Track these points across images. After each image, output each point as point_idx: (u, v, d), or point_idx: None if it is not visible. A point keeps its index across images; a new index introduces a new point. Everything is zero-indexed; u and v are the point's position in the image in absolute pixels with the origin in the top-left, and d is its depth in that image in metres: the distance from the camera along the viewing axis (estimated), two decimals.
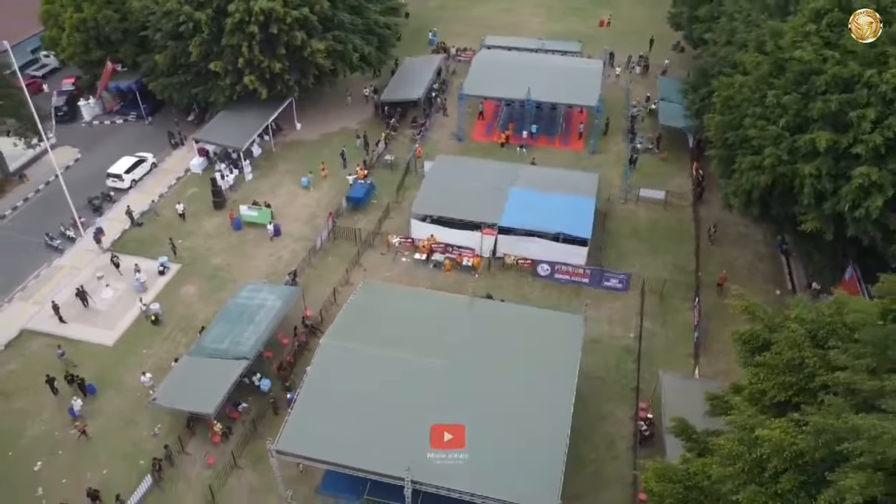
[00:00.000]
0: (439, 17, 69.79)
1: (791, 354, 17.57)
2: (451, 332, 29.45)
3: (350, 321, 29.78)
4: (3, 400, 30.99)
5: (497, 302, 32.80)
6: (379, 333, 28.96)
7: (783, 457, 15.24)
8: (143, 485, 26.88)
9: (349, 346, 28.03)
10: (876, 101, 26.33)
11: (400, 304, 31.35)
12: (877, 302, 17.52)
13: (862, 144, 25.87)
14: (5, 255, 38.96)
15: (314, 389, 26.76)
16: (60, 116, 51.52)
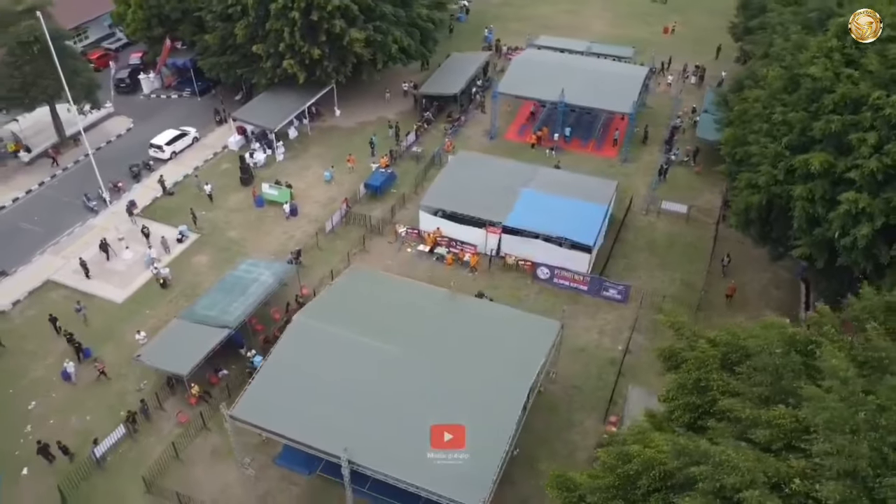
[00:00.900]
0: (501, 15, 69.72)
1: (697, 375, 16.96)
2: (424, 323, 29.75)
3: (328, 302, 30.59)
4: (16, 341, 33.62)
5: (477, 299, 32.76)
6: (352, 317, 29.56)
7: (651, 475, 14.80)
8: (116, 433, 28.55)
9: (320, 326, 28.79)
10: (880, 125, 24.68)
11: (382, 291, 31.85)
12: (782, 330, 16.64)
13: (857, 170, 24.31)
14: (48, 212, 42.08)
15: (277, 362, 27.71)
16: (123, 88, 54.92)
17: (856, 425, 12.88)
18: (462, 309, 30.83)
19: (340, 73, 48.67)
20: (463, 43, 63.02)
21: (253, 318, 33.55)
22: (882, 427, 13.05)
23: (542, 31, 61.81)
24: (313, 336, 28.53)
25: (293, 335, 28.67)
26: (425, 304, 31.10)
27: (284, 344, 28.40)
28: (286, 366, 27.58)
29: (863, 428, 12.90)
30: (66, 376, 31.07)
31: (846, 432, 12.84)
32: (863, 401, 13.23)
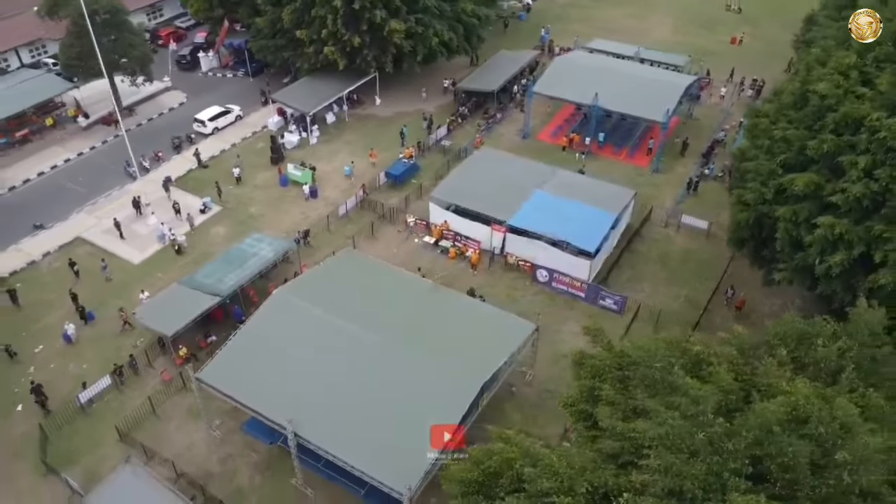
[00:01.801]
0: (563, 16, 69.03)
1: (590, 384, 16.63)
2: (400, 311, 30.13)
3: (311, 281, 31.50)
4: (38, 289, 36.32)
5: (459, 293, 32.75)
6: (331, 298, 30.30)
7: (510, 475, 14.70)
8: (102, 383, 30.46)
9: (297, 303, 29.69)
10: (875, 148, 23.15)
11: (367, 276, 32.46)
12: (672, 345, 16.05)
13: (841, 194, 22.91)
14: (93, 174, 45.09)
15: (249, 333, 28.83)
16: (183, 65, 57.97)
17: (695, 446, 12.40)
18: (441, 302, 31.01)
19: (380, 62, 49.50)
20: (519, 41, 62.82)
21: (252, 290, 34.88)
22: (728, 451, 12.51)
23: (601, 34, 60.75)
24: (289, 311, 29.46)
25: (269, 308, 29.71)
26: (407, 293, 31.49)
27: (260, 316, 29.49)
28: (257, 337, 28.65)
29: (703, 450, 12.41)
30: (66, 338, 33.00)
31: (683, 451, 12.39)
32: (709, 422, 12.70)
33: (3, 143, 46.80)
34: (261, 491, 27.43)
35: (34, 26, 54.48)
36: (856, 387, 15.03)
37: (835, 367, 15.34)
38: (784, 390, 13.62)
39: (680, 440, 12.46)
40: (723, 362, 15.75)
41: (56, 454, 28.58)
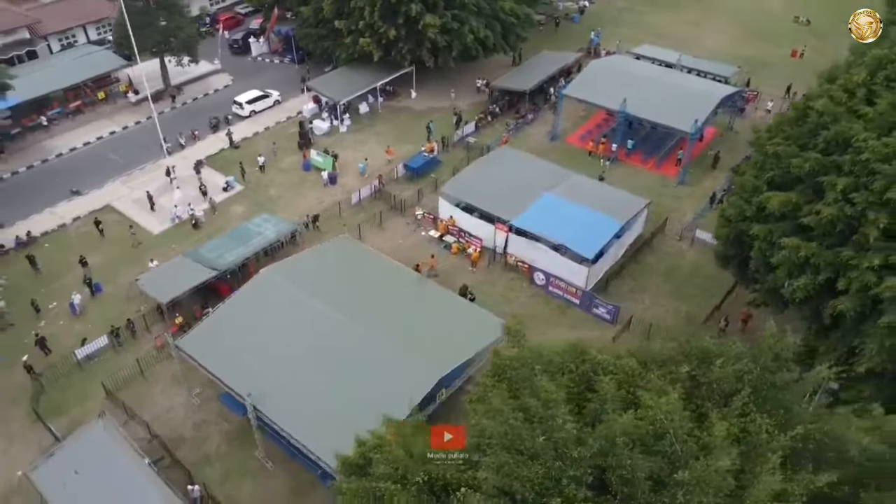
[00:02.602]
0: (617, 20, 67.76)
1: (490, 382, 16.61)
2: (379, 300, 30.62)
3: (300, 263, 32.40)
4: (63, 250, 38.73)
5: (442, 287, 32.85)
6: (315, 281, 31.12)
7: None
8: (98, 342, 32.32)
9: (281, 283, 30.62)
10: (859, 171, 21.95)
11: (356, 263, 33.10)
12: (569, 352, 15.82)
13: (815, 216, 21.84)
14: (132, 147, 47.62)
15: (232, 307, 29.98)
16: (235, 49, 60.26)
17: (534, 448, 12.33)
18: (423, 293, 31.34)
19: (415, 56, 50.05)
20: (567, 43, 62.15)
21: (253, 267, 36.06)
22: (572, 458, 12.37)
23: (653, 40, 59.34)
24: (270, 290, 30.43)
25: (254, 286, 30.80)
26: (391, 283, 31.94)
27: (244, 292, 30.62)
28: (237, 312, 29.76)
29: (544, 453, 12.32)
30: (73, 308, 34.77)
31: (522, 452, 12.34)
32: (558, 427, 12.58)
33: (57, 112, 50.00)
34: (226, 459, 28.51)
35: (102, 6, 58.04)
36: (748, 411, 14.47)
37: (729, 388, 14.79)
38: (647, 404, 13.28)
39: (519, 441, 12.38)
40: (619, 372, 15.46)
41: (49, 404, 30.57)
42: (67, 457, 25.77)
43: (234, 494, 27.15)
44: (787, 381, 14.85)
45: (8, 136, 47.53)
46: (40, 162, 46.49)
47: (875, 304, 20.23)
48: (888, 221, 20.36)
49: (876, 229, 20.37)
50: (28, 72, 50.04)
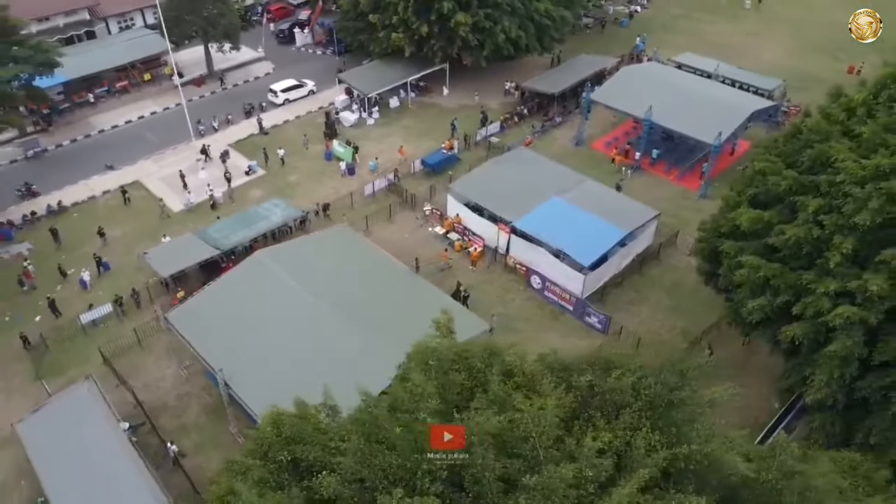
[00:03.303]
0: (670, 27, 66.20)
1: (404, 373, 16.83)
2: (364, 290, 31.09)
3: (294, 248, 33.28)
4: (88, 221, 40.82)
5: (426, 282, 33.01)
6: (305, 267, 31.85)
7: None
8: (104, 309, 34.08)
9: (271, 265, 31.49)
10: (835, 192, 21.00)
11: (349, 253, 33.69)
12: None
13: (781, 237, 21.02)
14: (168, 128, 49.71)
15: (222, 285, 31.12)
16: (281, 39, 62.02)
17: (391, 439, 12.58)
18: (409, 288, 31.68)
19: (447, 53, 50.32)
20: (613, 47, 61.09)
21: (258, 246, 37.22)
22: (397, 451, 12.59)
23: (704, 49, 57.74)
24: (261, 273, 31.33)
25: (246, 267, 31.82)
26: (379, 274, 32.41)
27: (236, 272, 31.72)
28: (227, 291, 30.83)
29: (402, 444, 12.55)
30: (82, 283, 36.31)
31: (381, 441, 12.62)
32: (422, 420, 12.78)
33: (104, 90, 52.72)
34: (201, 431, 29.61)
35: None
36: (640, 425, 14.20)
37: (622, 400, 14.52)
38: (518, 408, 13.23)
39: (378, 430, 12.58)
40: (520, 375, 15.43)
41: (52, 364, 32.45)
42: (51, 414, 27.37)
43: (203, 465, 28.19)
44: (684, 399, 14.46)
45: (57, 110, 50.44)
46: (83, 137, 49.14)
47: (827, 332, 19.30)
48: (853, 247, 19.39)
49: (839, 254, 19.45)
50: (83, 51, 53.11)
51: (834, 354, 18.53)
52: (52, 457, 25.77)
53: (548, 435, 12.93)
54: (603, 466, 12.86)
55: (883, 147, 20.88)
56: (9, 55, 42.87)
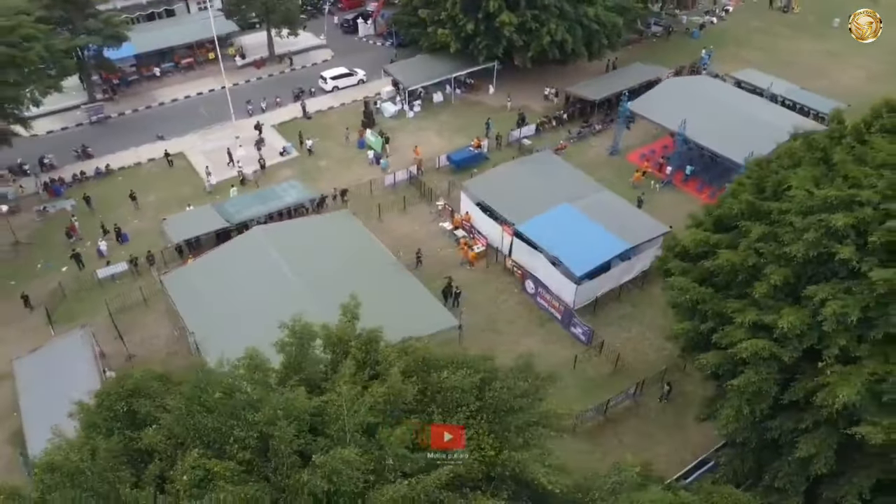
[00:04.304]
0: (744, 41, 63.36)
1: None
2: (348, 275, 31.77)
3: (291, 228, 34.68)
4: (133, 186, 43.74)
5: (411, 274, 33.40)
6: (296, 246, 33.09)
7: None
8: (119, 267, 36.70)
9: (264, 241, 32.94)
10: (782, 220, 19.97)
11: (344, 238, 34.67)
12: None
13: (716, 259, 20.18)
14: (221, 106, 52.10)
15: (217, 254, 32.89)
16: (346, 28, 63.95)
17: (210, 404, 13.33)
18: (390, 277, 32.33)
19: (492, 52, 50.43)
20: (678, 57, 59.17)
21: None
22: (246, 421, 13.24)
23: (775, 67, 55.14)
24: (253, 247, 32.87)
25: (241, 240, 33.51)
26: (366, 262, 33.19)
27: (231, 244, 33.42)
28: (219, 260, 32.59)
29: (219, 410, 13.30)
30: (100, 253, 38.55)
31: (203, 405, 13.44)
32: (240, 389, 13.52)
33: (170, 65, 56.24)
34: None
35: None
36: (471, 424, 14.34)
37: (461, 399, 14.59)
38: (337, 391, 13.63)
39: (201, 392, 13.31)
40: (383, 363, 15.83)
41: (66, 311, 35.31)
42: (44, 355, 29.90)
43: None
44: (523, 407, 14.40)
45: (126, 81, 54.33)
46: (144, 107, 52.71)
47: (738, 365, 18.35)
48: (783, 279, 18.38)
49: (767, 285, 18.46)
50: (158, 27, 56.99)
51: (739, 389, 17.63)
52: (35, 394, 28.16)
53: (358, 420, 13.25)
54: (410, 458, 13.07)
55: (843, 178, 19.61)
56: (83, 26, 46.71)
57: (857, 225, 17.92)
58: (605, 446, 29.13)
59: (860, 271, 17.31)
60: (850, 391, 15.86)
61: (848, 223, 17.73)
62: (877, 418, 16.13)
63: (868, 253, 17.72)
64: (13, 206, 41.79)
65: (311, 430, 13.52)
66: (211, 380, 13.82)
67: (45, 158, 45.48)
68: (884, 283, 16.51)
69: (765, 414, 18.07)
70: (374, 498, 12.07)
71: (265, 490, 12.31)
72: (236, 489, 11.94)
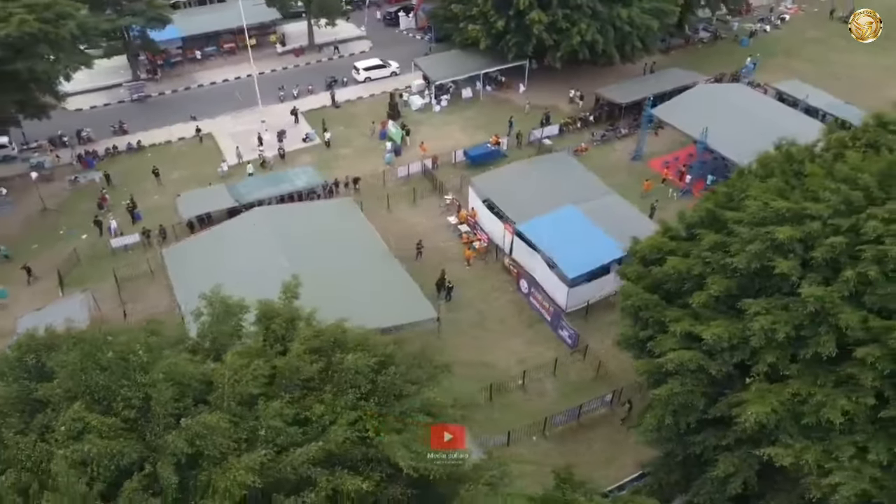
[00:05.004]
0: (795, 51, 60.82)
1: None
2: (336, 261, 32.45)
3: (291, 211, 35.45)
4: (161, 161, 45.62)
5: (398, 264, 33.53)
6: (292, 229, 33.87)
7: None
8: (131, 238, 38.44)
9: (262, 224, 33.81)
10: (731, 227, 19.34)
11: (340, 225, 35.18)
12: None
13: (664, 266, 19.66)
14: (253, 91, 53.83)
15: (218, 233, 34.00)
16: (388, 21, 64.74)
17: (104, 363, 13.95)
18: (378, 265, 32.69)
19: (522, 50, 50.12)
20: (721, 64, 57.45)
21: None
22: (135, 382, 13.83)
23: (827, 80, 52.93)
24: (251, 227, 33.80)
25: (241, 220, 34.48)
26: (357, 250, 33.61)
27: (232, 222, 34.48)
28: (218, 237, 33.66)
29: (113, 369, 13.93)
30: (111, 231, 39.91)
31: (97, 364, 14.11)
32: (132, 351, 14.12)
33: (213, 49, 58.21)
34: None
35: None
36: (359, 406, 14.56)
37: (353, 381, 14.77)
38: (229, 361, 14.13)
39: (95, 350, 13.96)
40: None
41: (79, 275, 37.18)
42: (46, 314, 31.34)
43: None
44: (410, 395, 14.51)
45: (169, 62, 56.51)
46: (184, 88, 54.77)
47: (666, 375, 17.79)
48: (724, 289, 17.76)
49: (707, 295, 17.88)
50: (207, 12, 59.05)
51: (662, 399, 17.12)
52: None
53: (238, 390, 13.63)
54: (285, 431, 13.39)
55: (804, 191, 18.79)
56: (128, 8, 48.94)
57: (805, 239, 17.15)
58: (574, 451, 28.69)
59: (799, 287, 16.56)
60: (762, 409, 15.20)
61: (794, 237, 16.97)
62: (792, 440, 15.42)
63: (812, 269, 16.94)
64: (47, 175, 44.14)
65: (199, 398, 13.98)
66: (112, 341, 14.46)
67: (82, 132, 47.86)
68: (815, 300, 15.76)
69: (691, 427, 17.51)
70: (231, 463, 12.40)
71: (133, 447, 12.81)
72: (103, 442, 12.48)
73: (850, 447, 14.92)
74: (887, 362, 14.87)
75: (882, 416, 15.03)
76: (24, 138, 46.67)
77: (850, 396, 15.27)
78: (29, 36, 35.33)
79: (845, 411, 15.06)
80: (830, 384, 15.78)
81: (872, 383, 15.10)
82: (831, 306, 15.76)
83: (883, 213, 16.46)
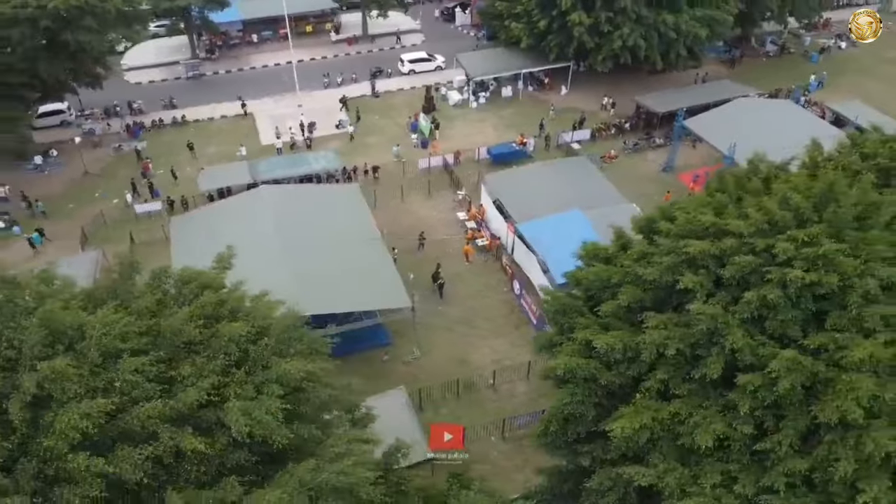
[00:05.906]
0: (867, 71, 57.30)
1: None
2: (328, 242, 33.16)
3: (295, 192, 36.44)
4: (200, 136, 47.90)
5: (387, 253, 33.72)
6: (291, 209, 34.74)
7: None
8: (155, 205, 40.55)
9: (265, 202, 34.90)
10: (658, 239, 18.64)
11: (341, 210, 35.69)
12: None
13: (588, 272, 19.15)
14: (301, 76, 55.13)
15: (223, 206, 35.45)
16: (445, 16, 65.27)
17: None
18: (366, 250, 33.02)
19: (563, 51, 49.46)
20: (782, 79, 54.73)
21: None
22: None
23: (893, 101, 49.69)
24: (254, 204, 34.96)
25: (246, 196, 35.76)
26: (350, 233, 34.11)
27: (237, 198, 35.86)
28: (222, 211, 35.06)
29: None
30: (126, 203, 41.78)
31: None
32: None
33: (270, 34, 60.34)
34: None
35: None
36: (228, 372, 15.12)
37: (225, 347, 15.28)
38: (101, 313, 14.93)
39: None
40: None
41: (104, 234, 39.57)
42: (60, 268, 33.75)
43: None
44: (271, 366, 14.97)
45: (228, 44, 59.04)
46: (237, 70, 57.15)
47: (561, 382, 17.24)
48: (633, 299, 17.12)
49: (616, 304, 17.24)
50: None
51: (553, 406, 16.64)
52: None
53: (104, 342, 14.38)
54: (141, 385, 14.07)
55: (738, 208, 17.83)
56: None
57: (721, 256, 16.30)
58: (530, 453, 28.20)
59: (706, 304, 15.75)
60: (629, 425, 14.58)
61: (706, 251, 16.18)
62: (664, 460, 14.71)
63: (723, 286, 16.10)
64: (96, 141, 47.17)
65: (72, 346, 14.81)
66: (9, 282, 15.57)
67: (134, 104, 50.77)
68: (707, 318, 14.98)
69: (581, 437, 16.98)
70: (71, 406, 13.11)
71: (3, 384, 13.76)
72: None
73: (718, 475, 14.10)
74: (767, 392, 13.97)
75: (757, 447, 14.13)
76: (80, 105, 49.98)
77: (729, 422, 14.44)
78: (76, 9, 37.88)
79: (719, 437, 14.25)
80: (717, 408, 14.98)
81: (752, 412, 14.23)
82: (724, 327, 14.94)
83: (802, 235, 15.44)
